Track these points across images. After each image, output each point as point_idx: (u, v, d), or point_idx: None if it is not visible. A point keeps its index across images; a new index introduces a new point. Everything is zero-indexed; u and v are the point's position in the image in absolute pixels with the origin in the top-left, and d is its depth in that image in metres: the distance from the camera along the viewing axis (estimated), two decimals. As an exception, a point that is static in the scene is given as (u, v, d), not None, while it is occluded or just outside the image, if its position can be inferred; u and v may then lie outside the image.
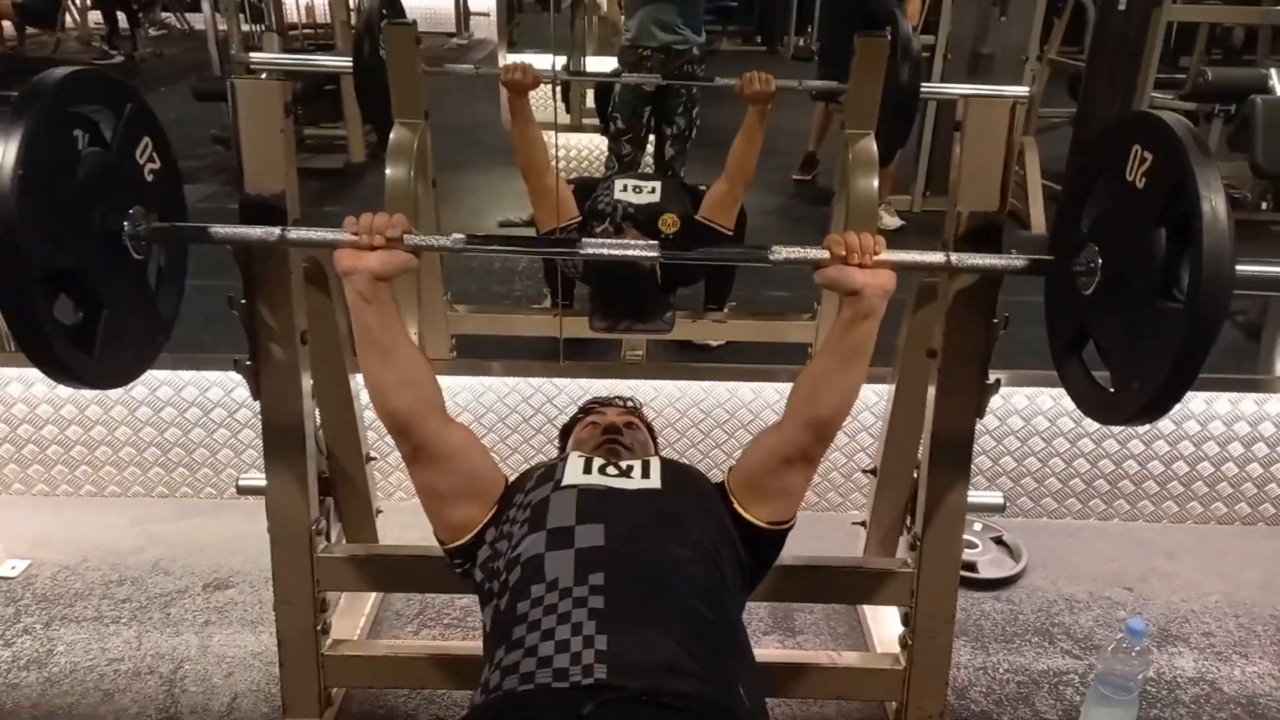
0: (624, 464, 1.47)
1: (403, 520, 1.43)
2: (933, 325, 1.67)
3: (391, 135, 2.36)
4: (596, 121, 4.96)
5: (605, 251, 1.45)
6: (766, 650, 1.82)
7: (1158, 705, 1.94)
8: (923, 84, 2.57)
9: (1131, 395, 1.27)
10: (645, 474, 1.45)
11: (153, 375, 2.43)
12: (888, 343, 2.00)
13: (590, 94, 5.70)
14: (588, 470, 1.44)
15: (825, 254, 1.35)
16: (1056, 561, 2.39)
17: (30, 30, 8.89)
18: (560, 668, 1.11)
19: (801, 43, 9.44)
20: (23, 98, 1.16)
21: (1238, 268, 1.13)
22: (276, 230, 1.39)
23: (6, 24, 8.85)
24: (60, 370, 1.22)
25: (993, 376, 1.61)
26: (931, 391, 1.66)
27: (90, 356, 1.26)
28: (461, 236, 1.40)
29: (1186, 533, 2.55)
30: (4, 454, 2.50)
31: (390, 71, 2.40)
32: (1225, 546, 2.48)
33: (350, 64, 2.68)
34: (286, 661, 1.76)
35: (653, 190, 2.81)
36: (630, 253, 1.51)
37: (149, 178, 1.38)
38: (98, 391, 2.42)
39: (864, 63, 2.35)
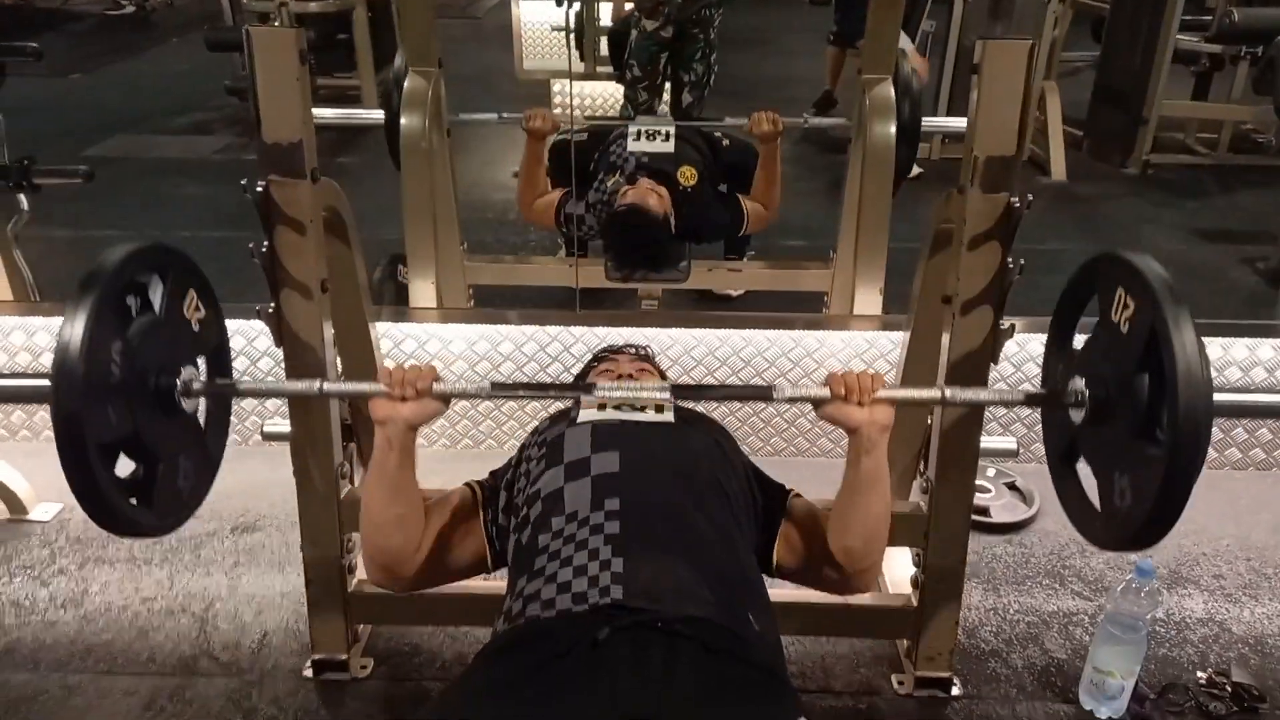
0: (639, 403, 1.50)
1: (427, 467, 1.47)
2: (947, 271, 1.68)
3: (405, 84, 2.35)
4: (610, 69, 4.93)
5: (618, 393, 1.44)
6: (780, 590, 1.84)
7: (1166, 644, 1.98)
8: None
9: (1117, 526, 1.29)
10: (659, 411, 1.48)
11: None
12: (903, 291, 2.02)
13: (604, 41, 5.65)
14: (602, 409, 1.48)
15: (827, 392, 1.37)
16: (1069, 506, 2.41)
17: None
18: (579, 591, 1.16)
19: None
20: (84, 283, 1.18)
21: (1216, 397, 1.15)
22: (316, 384, 1.44)
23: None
24: (126, 528, 1.27)
25: (1007, 322, 1.62)
26: (946, 337, 1.67)
27: (150, 509, 1.29)
28: (488, 385, 1.47)
29: (1200, 478, 2.55)
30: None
31: (400, 20, 2.39)
32: (1239, 491, 2.50)
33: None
34: (314, 600, 1.81)
35: (667, 137, 2.81)
36: (642, 394, 1.48)
37: (196, 328, 1.40)
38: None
39: (880, 6, 2.33)
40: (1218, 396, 1.18)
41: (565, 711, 1.01)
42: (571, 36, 5.28)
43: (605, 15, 5.90)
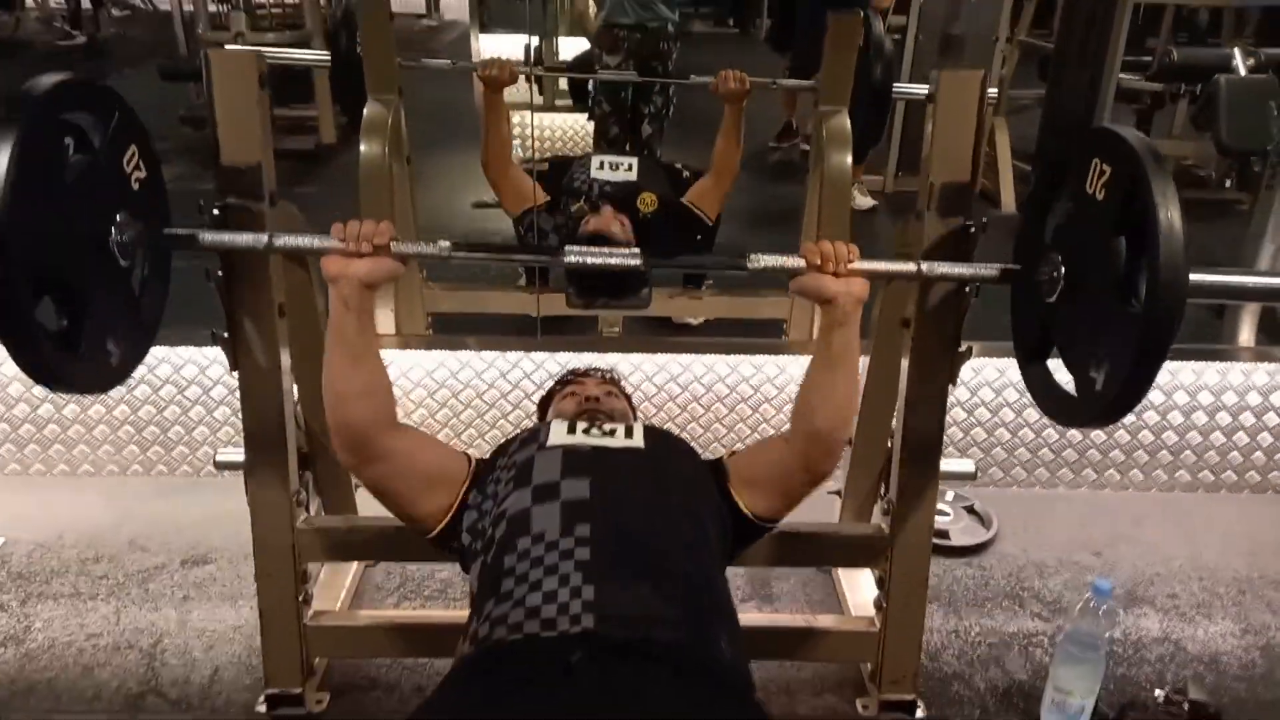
0: (607, 427, 1.49)
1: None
2: (906, 295, 1.70)
3: (365, 111, 2.35)
4: (569, 101, 4.98)
5: (588, 260, 1.46)
6: (744, 615, 1.81)
7: (1124, 664, 2.00)
8: (895, 84, 2.64)
9: (1094, 397, 1.31)
10: (629, 435, 1.48)
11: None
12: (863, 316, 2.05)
13: (563, 79, 5.73)
14: (571, 431, 1.46)
15: (801, 262, 1.38)
16: (1026, 529, 2.45)
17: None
18: (548, 618, 1.14)
19: (771, 23, 9.46)
20: (19, 103, 1.14)
21: (1191, 276, 1.18)
22: (264, 236, 1.40)
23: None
24: (46, 373, 1.21)
25: (964, 345, 1.65)
26: (905, 360, 1.69)
27: (76, 360, 1.25)
28: (448, 244, 1.41)
29: (1152, 500, 2.61)
30: (-25, 434, 2.48)
31: (364, 47, 2.39)
32: (1189, 512, 2.55)
33: (325, 57, 2.66)
34: (268, 632, 1.77)
35: (629, 168, 2.83)
36: (612, 260, 1.50)
37: (135, 186, 1.37)
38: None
39: (837, 40, 2.38)
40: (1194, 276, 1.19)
41: None
42: (533, 77, 5.37)
43: (564, 51, 6.00)
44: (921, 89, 1.93)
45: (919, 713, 1.85)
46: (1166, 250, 1.15)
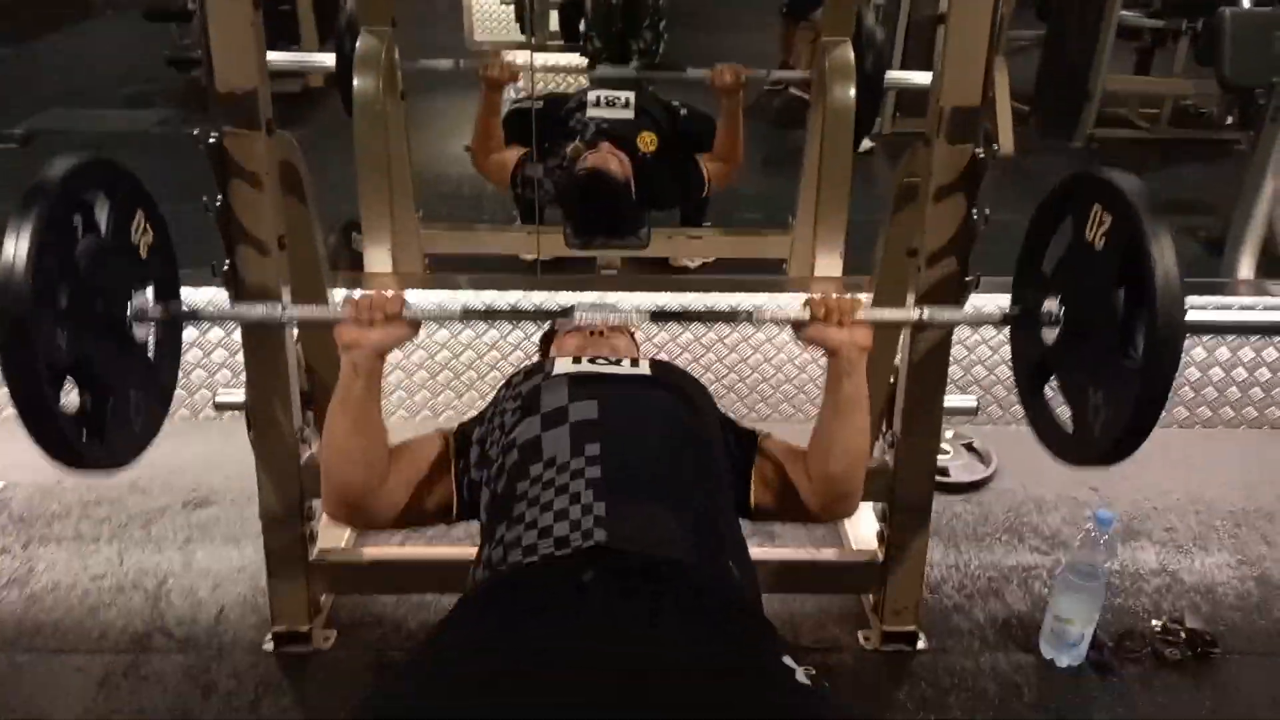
0: (613, 358, 1.49)
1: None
2: (912, 227, 1.69)
3: (358, 43, 2.29)
4: (560, 42, 4.91)
5: (599, 318, 1.45)
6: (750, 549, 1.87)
7: (1121, 595, 2.02)
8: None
9: (1091, 441, 1.31)
10: (635, 365, 1.47)
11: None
12: (861, 258, 2.03)
13: (554, 16, 5.64)
14: (576, 362, 1.46)
15: (806, 315, 1.37)
16: (1025, 466, 2.45)
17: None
18: (561, 535, 1.14)
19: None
20: (28, 197, 1.11)
21: (1189, 316, 1.17)
22: (279, 306, 1.44)
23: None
24: (75, 460, 1.19)
25: (972, 274, 1.63)
26: (912, 290, 1.68)
27: (101, 442, 1.23)
28: (459, 308, 1.48)
29: (1150, 437, 2.61)
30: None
31: (354, -26, 2.33)
32: (1187, 449, 2.56)
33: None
34: (274, 570, 1.77)
35: (626, 104, 2.79)
36: (619, 313, 1.46)
37: (144, 253, 1.34)
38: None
39: (840, -32, 2.33)
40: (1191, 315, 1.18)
41: (553, 657, 0.99)
42: (514, 9, 5.27)
43: None
44: (920, 77, 1.91)
45: (920, 644, 1.87)
46: (1164, 311, 1.14)
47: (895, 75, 2.83)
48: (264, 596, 1.88)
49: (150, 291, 1.34)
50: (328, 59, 2.62)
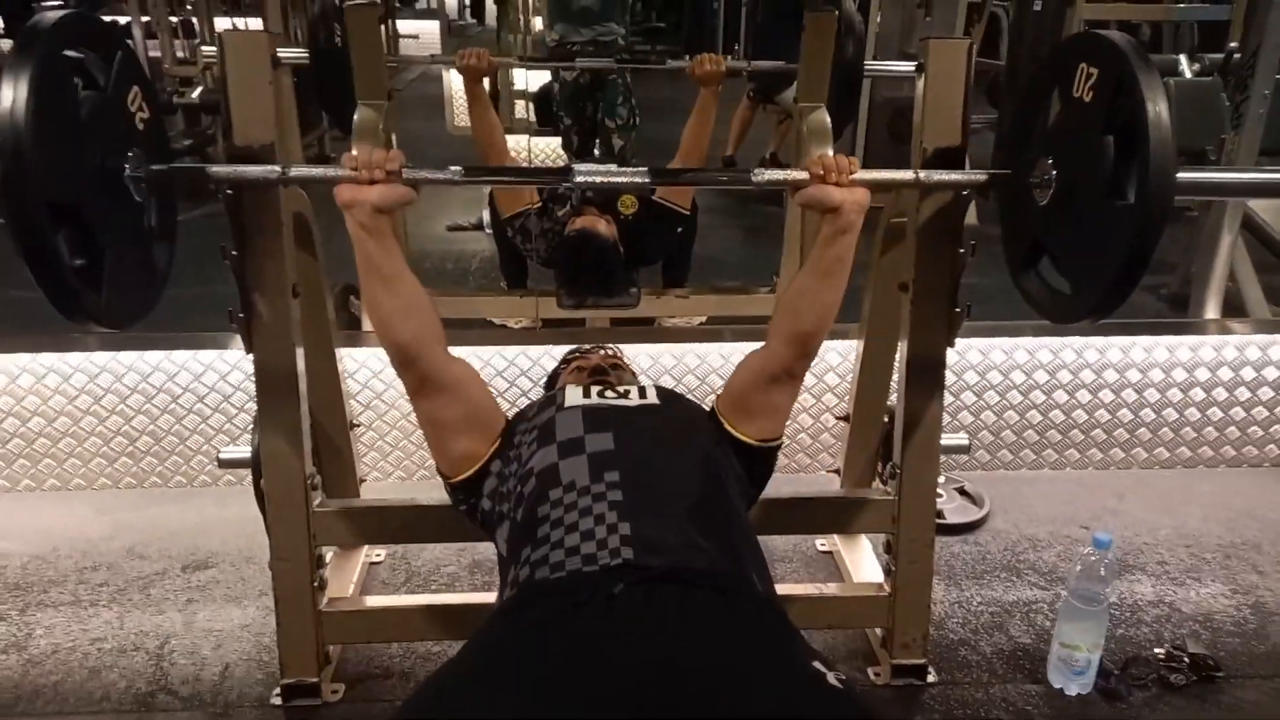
0: (620, 389, 1.53)
1: (386, 492, 1.47)
2: (900, 265, 1.77)
3: (356, 115, 2.38)
4: (529, 122, 5.14)
5: (597, 180, 1.50)
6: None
7: (1123, 625, 2.05)
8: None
9: (1088, 292, 1.37)
10: (643, 395, 1.51)
11: (116, 361, 2.40)
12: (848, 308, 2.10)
13: (521, 105, 5.89)
14: (587, 395, 1.50)
15: (805, 175, 1.44)
16: (1016, 507, 2.50)
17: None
18: (589, 554, 1.16)
19: (729, 58, 9.73)
20: (23, 37, 1.17)
21: (1178, 175, 1.24)
22: (276, 168, 1.42)
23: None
24: (73, 303, 1.22)
25: (961, 305, 1.71)
26: (905, 325, 1.75)
27: (99, 295, 1.27)
28: (459, 169, 1.45)
29: (1133, 476, 2.69)
30: (-38, 451, 2.44)
31: (353, 52, 2.42)
32: (1169, 487, 2.62)
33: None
34: (284, 619, 1.75)
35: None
36: (620, 180, 1.55)
37: (140, 125, 1.39)
38: (59, 379, 2.38)
39: (813, 36, 2.46)
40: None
41: (585, 661, 1.01)
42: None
43: (532, 83, 6.18)
44: (902, 67, 2.00)
45: (930, 677, 1.88)
46: (1156, 144, 1.21)
47: (875, 65, 2.90)
48: (269, 653, 1.87)
49: (147, 160, 1.36)
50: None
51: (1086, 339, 2.57)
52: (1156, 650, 1.96)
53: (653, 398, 1.52)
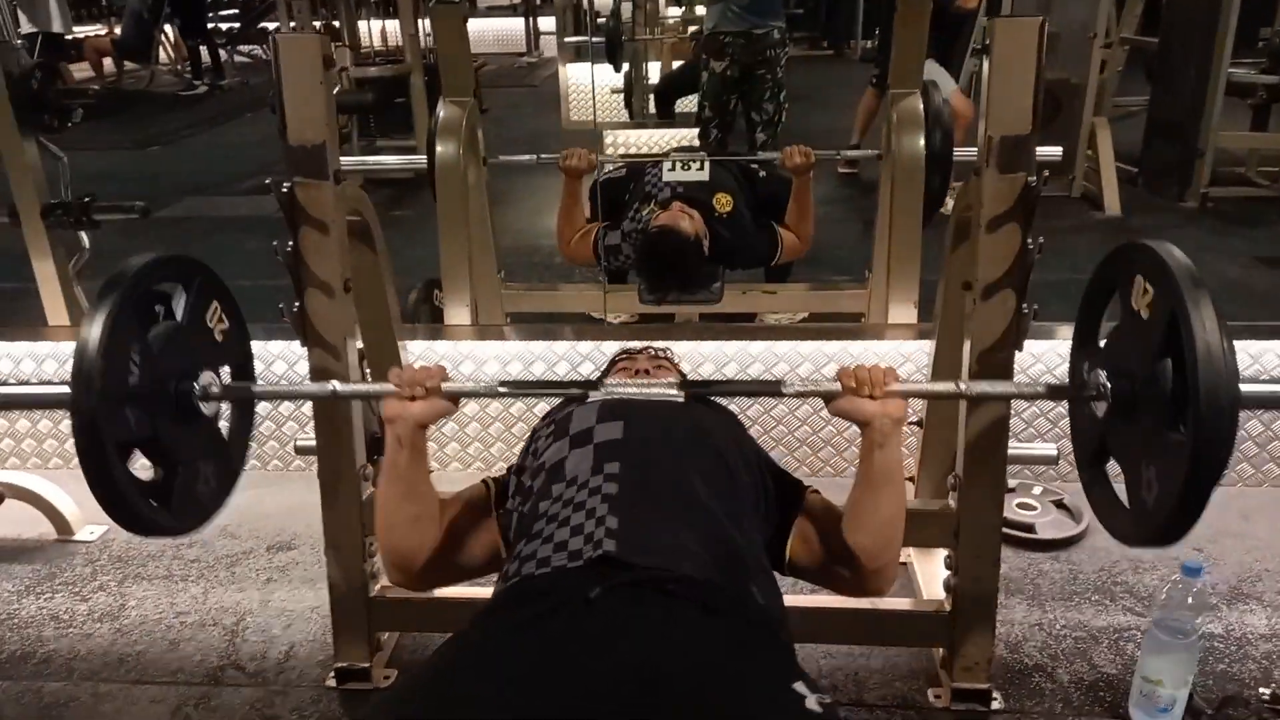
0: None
1: (452, 482, 1.49)
2: (968, 261, 1.65)
3: (439, 112, 2.42)
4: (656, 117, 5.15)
5: (626, 392, 1.43)
6: (811, 598, 1.80)
7: (1225, 660, 1.86)
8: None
9: (1145, 518, 1.24)
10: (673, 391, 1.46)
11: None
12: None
13: (651, 98, 5.93)
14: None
15: (837, 386, 1.34)
16: (1121, 524, 2.31)
17: (128, 65, 9.44)
18: (575, 549, 1.14)
19: (868, 44, 9.50)
20: (105, 287, 1.24)
21: (1243, 388, 1.11)
22: (330, 385, 1.49)
23: (106, 60, 9.41)
24: (143, 528, 1.30)
25: (1030, 306, 1.58)
26: (969, 324, 1.63)
27: (169, 510, 1.32)
28: (496, 384, 1.56)
29: (1263, 495, 2.43)
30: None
31: (439, 51, 2.47)
32: (1300, 509, 2.37)
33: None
34: (337, 606, 1.81)
35: (701, 166, 2.84)
36: (651, 392, 1.44)
37: (219, 339, 1.44)
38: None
39: (905, 21, 2.34)
40: (1247, 387, 1.13)
41: (552, 670, 0.98)
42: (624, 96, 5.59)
43: (653, 74, 6.24)
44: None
45: (995, 703, 1.76)
46: (1208, 387, 1.08)
47: (964, 151, 2.80)
48: (332, 635, 1.93)
49: (215, 373, 1.42)
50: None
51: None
52: (1262, 690, 1.76)
53: (681, 396, 1.46)
